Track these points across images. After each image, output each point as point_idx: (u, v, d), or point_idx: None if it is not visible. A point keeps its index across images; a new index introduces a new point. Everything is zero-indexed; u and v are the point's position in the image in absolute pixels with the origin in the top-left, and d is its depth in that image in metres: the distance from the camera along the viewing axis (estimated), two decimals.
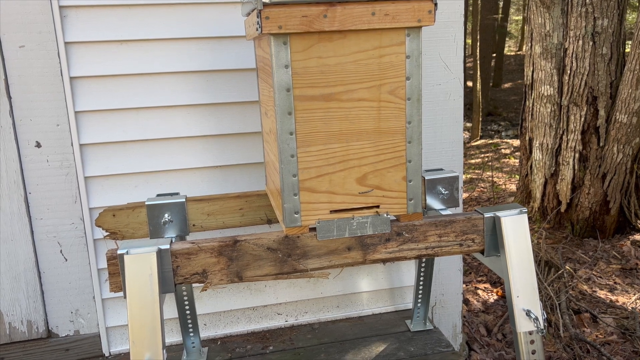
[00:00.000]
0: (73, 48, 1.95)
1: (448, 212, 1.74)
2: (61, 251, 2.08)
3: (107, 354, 2.17)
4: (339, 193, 1.35)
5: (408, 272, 2.38)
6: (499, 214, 1.43)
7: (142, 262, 1.25)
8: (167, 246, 1.30)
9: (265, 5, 1.18)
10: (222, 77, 2.08)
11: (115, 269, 1.29)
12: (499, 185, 6.63)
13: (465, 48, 2.22)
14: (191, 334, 2.03)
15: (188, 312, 1.96)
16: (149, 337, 1.23)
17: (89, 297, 2.14)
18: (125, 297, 1.27)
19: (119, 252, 1.27)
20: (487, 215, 1.44)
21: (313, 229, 1.37)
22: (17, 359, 2.11)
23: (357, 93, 1.30)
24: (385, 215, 1.37)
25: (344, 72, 1.28)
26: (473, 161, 8.57)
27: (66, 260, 2.09)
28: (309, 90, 1.28)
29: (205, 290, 1.54)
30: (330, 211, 1.36)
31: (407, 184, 1.37)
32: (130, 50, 1.99)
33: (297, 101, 1.27)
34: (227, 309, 2.25)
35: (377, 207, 1.37)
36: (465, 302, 3.35)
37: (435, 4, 1.26)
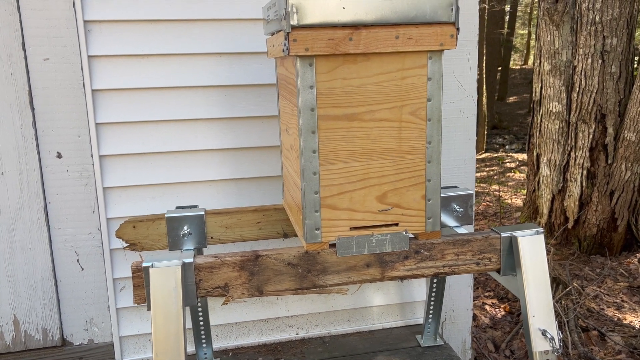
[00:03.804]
0: (96, 61, 1.99)
1: (462, 229, 1.76)
2: (78, 260, 2.11)
3: None
4: (359, 210, 1.38)
5: (419, 288, 2.40)
6: (515, 233, 1.45)
7: (166, 275, 1.28)
8: (191, 260, 1.33)
9: (293, 28, 1.22)
10: (240, 92, 2.11)
11: (140, 281, 1.31)
12: (505, 199, 6.64)
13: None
14: (204, 345, 2.05)
15: (202, 323, 1.98)
16: (172, 349, 1.26)
17: (104, 307, 2.16)
18: (148, 309, 1.29)
19: (144, 264, 1.29)
20: (504, 234, 1.47)
21: (333, 245, 1.40)
22: None
23: (379, 113, 1.33)
24: (404, 233, 1.40)
25: (367, 93, 1.32)
26: (478, 174, 8.59)
27: (82, 269, 2.12)
28: (332, 110, 1.31)
29: (227, 303, 1.56)
30: (350, 228, 1.38)
31: (426, 202, 1.40)
32: (151, 64, 2.03)
33: (321, 120, 1.31)
34: (238, 320, 2.27)
35: (396, 224, 1.40)
36: (473, 317, 3.36)
37: (458, 29, 1.29)
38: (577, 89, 4.30)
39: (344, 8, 1.23)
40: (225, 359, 2.20)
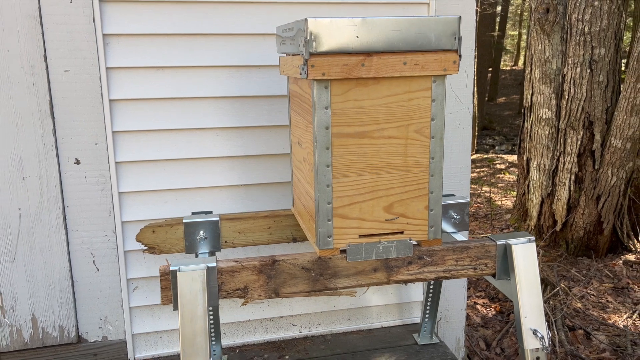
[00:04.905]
0: (113, 73, 2.09)
1: (459, 236, 1.89)
2: (94, 261, 2.22)
3: None
4: (368, 219, 1.50)
5: (416, 289, 2.53)
6: (510, 241, 1.59)
7: (192, 278, 1.40)
8: (214, 264, 1.45)
9: (311, 54, 1.34)
10: (249, 103, 2.23)
11: (167, 283, 1.43)
12: (495, 201, 6.81)
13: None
14: (213, 342, 2.16)
15: (212, 321, 2.10)
16: (198, 346, 1.37)
17: (118, 305, 2.27)
18: (175, 309, 1.41)
19: (171, 268, 1.41)
20: (499, 242, 1.60)
21: (343, 251, 1.53)
22: None
23: (387, 131, 1.46)
24: (408, 240, 1.53)
25: (377, 113, 1.44)
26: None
27: (98, 270, 2.22)
28: (345, 129, 1.43)
29: (246, 304, 1.68)
30: (359, 236, 1.51)
31: (428, 212, 1.53)
32: (166, 75, 2.14)
33: (335, 138, 1.43)
34: (245, 319, 2.39)
35: (402, 233, 1.52)
36: (465, 316, 3.50)
37: (460, 56, 1.42)
38: (567, 97, 4.46)
39: (357, 37, 1.36)
40: (233, 356, 2.32)
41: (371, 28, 1.36)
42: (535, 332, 1.53)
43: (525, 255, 1.56)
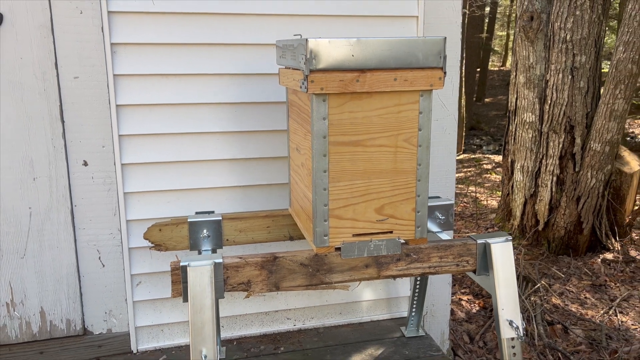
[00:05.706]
0: (120, 79, 2.22)
1: (445, 235, 2.05)
2: (99, 258, 2.34)
3: (135, 351, 2.42)
4: (361, 220, 1.65)
5: (403, 284, 2.68)
6: (489, 241, 1.74)
7: (201, 273, 1.53)
8: (220, 260, 1.58)
9: (311, 71, 1.48)
10: (248, 109, 2.36)
11: (177, 277, 1.56)
12: (481, 200, 6.99)
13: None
14: None
15: None
16: (206, 335, 1.51)
17: (122, 299, 2.39)
18: (184, 301, 1.55)
19: (181, 264, 1.54)
20: (479, 241, 1.76)
21: (338, 249, 1.67)
22: (54, 354, 2.35)
23: (379, 140, 1.61)
24: (397, 239, 1.68)
25: (369, 124, 1.59)
26: (456, 175, 8.92)
27: (104, 266, 2.35)
28: (340, 137, 1.58)
29: (248, 297, 1.82)
30: (353, 235, 1.66)
31: (415, 214, 1.68)
32: (170, 82, 2.26)
33: (331, 146, 1.57)
34: (242, 312, 2.52)
35: (391, 232, 1.67)
36: (451, 311, 3.66)
37: (445, 72, 1.57)
38: (549, 102, 4.64)
39: (352, 55, 1.50)
40: (231, 348, 2.46)
41: (365, 47, 1.50)
42: (511, 322, 1.68)
43: (502, 253, 1.72)
